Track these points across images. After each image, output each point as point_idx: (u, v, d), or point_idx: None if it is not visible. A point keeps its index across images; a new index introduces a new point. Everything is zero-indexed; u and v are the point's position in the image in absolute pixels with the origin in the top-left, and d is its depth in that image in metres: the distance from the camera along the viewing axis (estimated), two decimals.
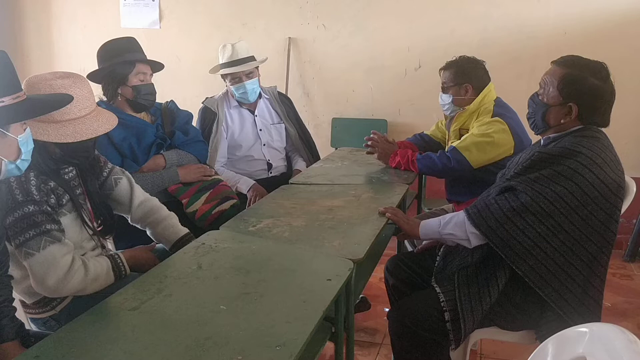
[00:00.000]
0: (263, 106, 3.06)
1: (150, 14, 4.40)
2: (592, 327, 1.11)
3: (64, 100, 1.53)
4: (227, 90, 3.02)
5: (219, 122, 2.92)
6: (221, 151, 2.93)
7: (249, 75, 2.90)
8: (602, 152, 1.69)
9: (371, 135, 2.80)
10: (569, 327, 1.20)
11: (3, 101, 1.32)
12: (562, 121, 1.77)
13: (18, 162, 1.40)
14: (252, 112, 3.01)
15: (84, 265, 1.64)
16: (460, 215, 1.81)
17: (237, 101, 2.99)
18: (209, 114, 2.94)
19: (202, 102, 2.99)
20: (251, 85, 2.91)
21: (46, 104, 1.50)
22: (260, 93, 3.02)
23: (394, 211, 1.98)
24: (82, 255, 1.72)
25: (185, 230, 1.97)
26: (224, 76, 2.96)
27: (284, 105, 3.11)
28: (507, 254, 1.70)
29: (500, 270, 1.76)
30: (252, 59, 2.92)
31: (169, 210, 2.04)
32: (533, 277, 1.69)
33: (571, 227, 1.66)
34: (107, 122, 1.75)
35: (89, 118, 1.68)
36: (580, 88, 1.72)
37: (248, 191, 2.86)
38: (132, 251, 1.86)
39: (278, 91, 3.17)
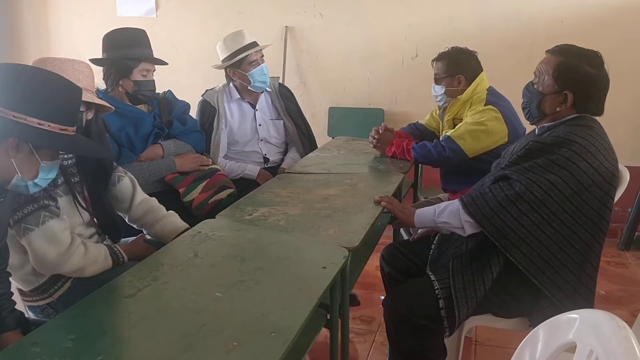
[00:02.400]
0: (264, 101, 2.98)
1: (146, 3, 4.37)
2: (582, 313, 1.12)
3: (104, 151, 1.67)
4: (227, 83, 2.93)
5: (220, 118, 2.85)
6: (222, 145, 2.89)
7: (262, 58, 2.85)
8: (596, 140, 1.70)
9: (380, 130, 2.75)
10: None
11: (49, 125, 1.36)
12: (557, 109, 1.78)
13: (29, 182, 1.41)
14: (254, 107, 2.94)
15: (84, 245, 1.67)
16: (455, 203, 1.81)
17: (240, 94, 2.90)
18: (208, 109, 2.86)
19: (202, 95, 2.91)
20: (266, 68, 2.85)
21: (86, 148, 1.56)
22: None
23: (389, 200, 1.99)
24: None
25: (186, 225, 1.95)
26: (234, 68, 2.82)
27: (284, 99, 3.02)
28: (501, 242, 1.71)
29: (494, 258, 1.77)
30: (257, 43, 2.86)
31: (166, 198, 2.04)
32: (527, 265, 1.70)
33: (565, 215, 1.67)
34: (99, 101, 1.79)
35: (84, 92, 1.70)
36: (575, 76, 1.73)
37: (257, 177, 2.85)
38: (126, 245, 1.87)
39: (279, 83, 3.10)
